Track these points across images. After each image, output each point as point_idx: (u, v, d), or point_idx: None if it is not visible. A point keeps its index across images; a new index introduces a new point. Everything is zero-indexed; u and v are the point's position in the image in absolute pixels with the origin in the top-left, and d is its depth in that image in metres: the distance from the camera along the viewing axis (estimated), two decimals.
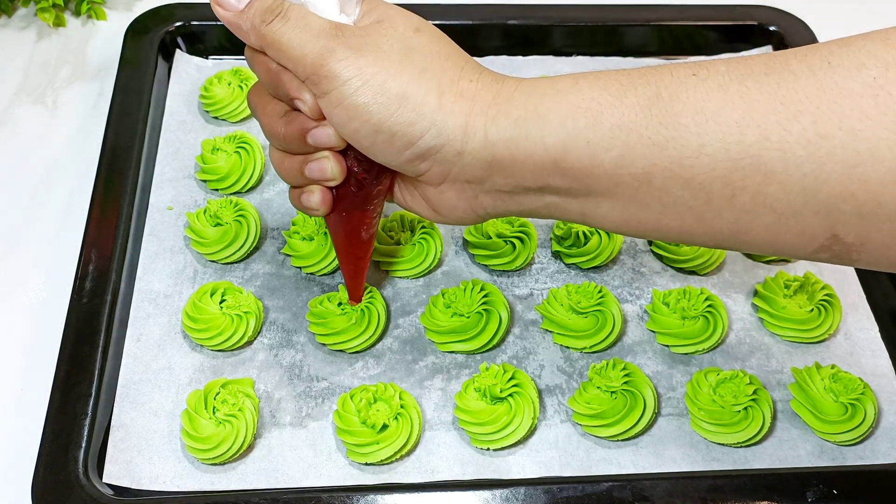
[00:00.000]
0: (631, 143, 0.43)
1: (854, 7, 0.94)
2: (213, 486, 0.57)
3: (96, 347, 0.60)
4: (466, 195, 0.49)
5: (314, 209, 0.53)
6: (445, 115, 0.46)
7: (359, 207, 0.54)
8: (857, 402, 0.60)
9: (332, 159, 0.50)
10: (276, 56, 0.47)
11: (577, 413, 0.60)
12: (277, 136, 0.51)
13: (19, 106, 0.81)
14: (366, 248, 0.59)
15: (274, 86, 0.49)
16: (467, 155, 0.46)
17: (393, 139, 0.46)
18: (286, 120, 0.50)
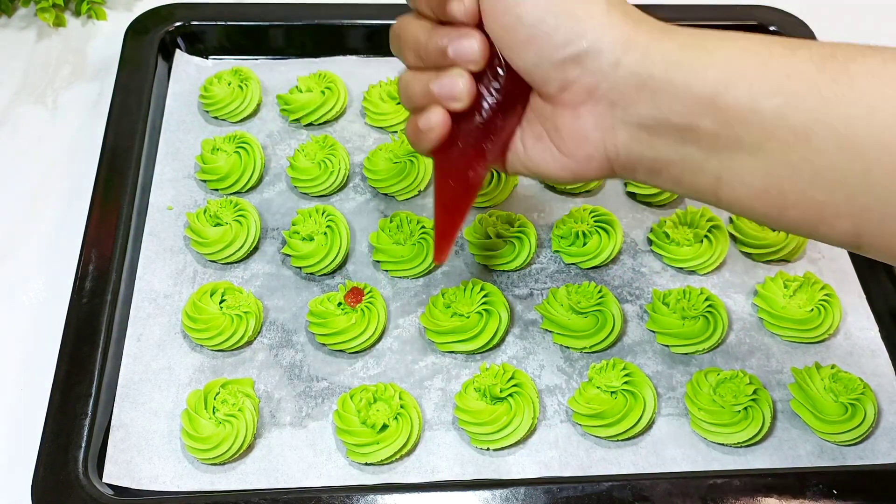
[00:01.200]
0: (798, 94, 0.42)
1: (854, 7, 0.94)
2: (213, 486, 0.57)
3: (96, 347, 0.60)
4: (604, 124, 0.47)
5: (431, 129, 0.50)
6: (612, 22, 0.45)
7: (475, 144, 0.51)
8: (857, 402, 0.60)
9: (465, 76, 0.48)
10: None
11: (577, 413, 0.60)
12: (417, 48, 0.49)
13: (19, 106, 0.81)
14: (467, 198, 0.55)
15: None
16: (623, 68, 0.45)
17: (554, 33, 0.45)
18: (431, 32, 0.49)
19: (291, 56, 0.82)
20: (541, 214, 0.72)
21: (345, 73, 0.80)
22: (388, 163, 0.72)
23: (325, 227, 0.67)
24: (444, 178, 0.54)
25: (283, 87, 0.80)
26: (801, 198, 0.43)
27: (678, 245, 0.69)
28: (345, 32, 0.82)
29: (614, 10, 0.46)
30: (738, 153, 0.44)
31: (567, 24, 0.45)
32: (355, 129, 0.78)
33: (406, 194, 0.72)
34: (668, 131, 0.46)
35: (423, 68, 0.50)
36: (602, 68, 0.45)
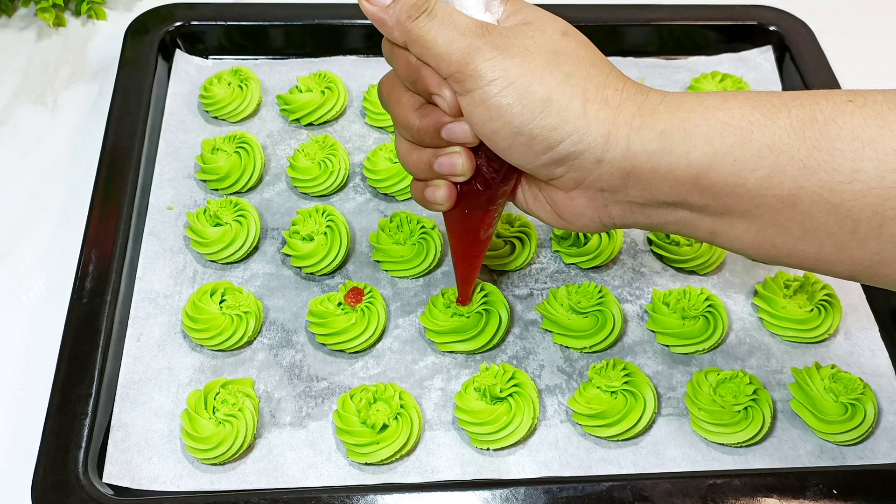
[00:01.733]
0: (780, 165, 0.42)
1: (854, 7, 0.94)
2: (213, 486, 0.57)
3: (96, 347, 0.60)
4: (596, 203, 0.49)
5: (438, 204, 0.52)
6: (589, 122, 0.45)
7: (481, 207, 0.53)
8: (857, 402, 0.60)
9: (463, 155, 0.50)
10: (419, 52, 0.47)
11: (577, 413, 0.60)
12: (410, 128, 0.50)
13: (19, 106, 0.81)
14: (481, 249, 0.58)
15: (412, 80, 0.49)
16: (606, 164, 0.46)
17: (532, 142, 0.46)
18: (421, 113, 0.49)
19: (291, 56, 0.82)
20: None
21: (345, 73, 0.80)
22: (388, 163, 0.72)
23: (325, 227, 0.67)
24: (456, 235, 0.57)
25: (283, 87, 0.80)
26: (793, 251, 0.45)
27: (678, 245, 0.69)
28: (345, 32, 0.82)
29: (591, 105, 0.45)
30: (729, 217, 0.46)
31: (543, 133, 0.45)
32: (355, 129, 0.78)
33: (406, 194, 0.72)
34: (658, 206, 0.47)
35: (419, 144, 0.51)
36: (585, 166, 0.46)
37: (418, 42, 0.46)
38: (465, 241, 0.57)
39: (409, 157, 0.52)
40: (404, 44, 0.48)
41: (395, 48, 0.49)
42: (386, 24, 0.48)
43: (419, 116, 0.49)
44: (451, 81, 0.46)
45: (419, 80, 0.48)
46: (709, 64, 0.84)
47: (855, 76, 0.83)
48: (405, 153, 0.52)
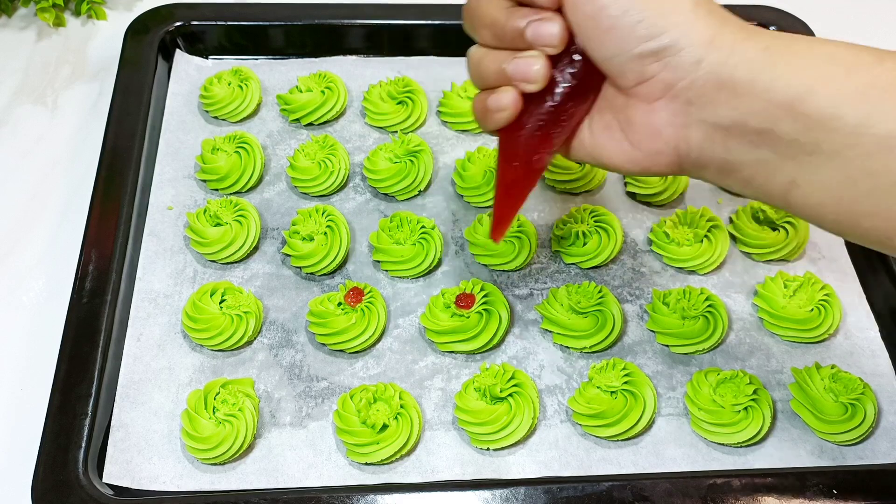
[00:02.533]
0: (883, 103, 0.41)
1: (853, 7, 0.94)
2: (213, 486, 0.57)
3: (96, 347, 0.60)
4: (678, 120, 0.46)
5: (501, 110, 0.49)
6: (697, 20, 0.44)
7: (545, 126, 0.50)
8: (857, 402, 0.60)
9: (542, 59, 0.47)
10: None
11: (577, 413, 0.60)
12: (494, 25, 0.48)
13: (19, 106, 0.81)
14: (531, 178, 0.54)
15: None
16: (705, 66, 0.44)
17: (637, 26, 0.44)
18: (509, 11, 0.48)
19: (291, 56, 0.82)
20: (541, 214, 0.72)
21: (345, 73, 0.80)
22: (388, 163, 0.72)
23: (325, 227, 0.67)
24: (507, 159, 0.53)
25: (283, 87, 0.80)
26: (876, 207, 0.43)
27: (678, 245, 0.69)
28: (345, 32, 0.82)
29: (700, 7, 0.45)
30: (816, 158, 0.43)
31: (651, 17, 0.44)
32: (355, 129, 0.78)
33: (406, 194, 0.72)
34: (744, 133, 0.45)
35: (496, 47, 0.49)
36: (682, 65, 0.45)
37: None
38: (517, 167, 0.53)
39: (481, 62, 0.50)
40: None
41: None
42: None
43: (507, 15, 0.48)
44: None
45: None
46: None
47: None
48: (478, 58, 0.50)
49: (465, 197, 0.73)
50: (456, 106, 0.77)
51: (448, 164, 0.75)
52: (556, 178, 0.73)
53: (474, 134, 0.78)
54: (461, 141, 0.77)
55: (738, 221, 0.71)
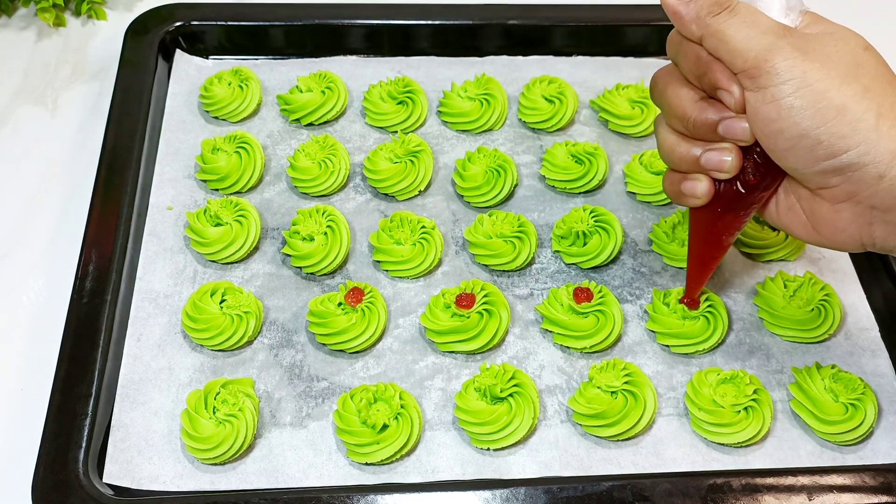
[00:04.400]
0: None
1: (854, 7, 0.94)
2: (213, 486, 0.57)
3: (96, 347, 0.60)
4: (862, 220, 0.49)
5: (696, 198, 0.53)
6: (879, 137, 0.45)
7: (735, 209, 0.54)
8: (857, 402, 0.60)
9: (734, 152, 0.50)
10: (714, 47, 0.48)
11: (577, 413, 0.60)
12: (685, 120, 0.51)
13: (19, 106, 0.81)
14: (721, 252, 0.58)
15: (699, 74, 0.50)
16: (887, 181, 0.46)
17: (816, 147, 0.46)
18: (700, 106, 0.50)
19: (291, 56, 0.82)
20: (541, 214, 0.72)
21: (345, 73, 0.80)
22: (388, 163, 0.72)
23: (325, 227, 0.67)
24: (699, 234, 0.57)
25: (283, 87, 0.80)
26: None
27: (678, 245, 0.69)
28: (345, 32, 0.82)
29: (884, 120, 0.46)
30: None
31: (831, 139, 0.46)
32: (355, 129, 0.78)
33: (406, 194, 0.72)
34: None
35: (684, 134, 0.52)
36: (865, 179, 0.46)
37: (716, 36, 0.48)
38: (707, 242, 0.57)
39: (675, 149, 0.53)
40: (699, 38, 0.49)
41: (685, 42, 0.50)
42: (683, 18, 0.49)
43: (699, 109, 0.50)
44: (742, 77, 0.47)
45: (707, 74, 0.49)
46: None
47: None
48: (671, 144, 0.53)
49: (465, 197, 0.73)
50: (456, 106, 0.77)
51: (448, 164, 0.75)
52: (556, 178, 0.73)
53: (474, 134, 0.78)
54: (461, 141, 0.77)
55: None
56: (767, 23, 0.47)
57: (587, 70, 0.82)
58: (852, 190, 0.47)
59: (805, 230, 0.52)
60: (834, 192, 0.48)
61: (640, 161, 0.74)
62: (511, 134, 0.78)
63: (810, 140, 0.46)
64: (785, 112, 0.46)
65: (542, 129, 0.78)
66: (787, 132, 0.46)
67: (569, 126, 0.79)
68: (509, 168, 0.72)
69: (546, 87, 0.78)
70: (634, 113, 0.77)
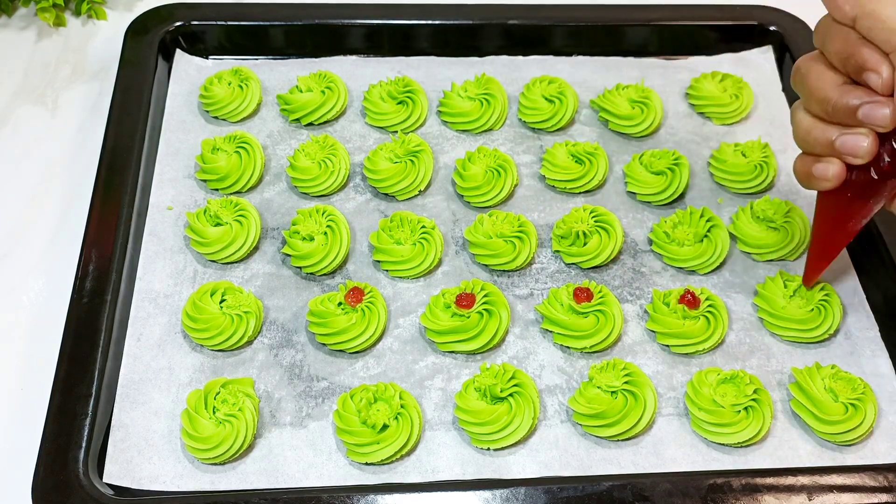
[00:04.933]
0: None
1: None
2: (213, 486, 0.57)
3: (96, 347, 0.60)
4: None
5: (826, 180, 0.53)
6: None
7: (865, 196, 0.53)
8: (857, 402, 0.60)
9: (870, 137, 0.50)
10: (869, 27, 0.48)
11: (578, 413, 0.60)
12: (826, 102, 0.51)
13: (19, 106, 0.81)
14: (846, 240, 0.58)
15: (845, 55, 0.50)
16: None
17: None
18: (843, 90, 0.50)
19: (291, 56, 0.82)
20: (541, 214, 0.72)
21: (345, 73, 0.80)
22: (388, 163, 0.72)
23: (325, 227, 0.67)
24: (824, 219, 0.57)
25: (283, 87, 0.80)
26: None
27: (678, 245, 0.69)
28: (345, 32, 0.82)
29: None
30: None
31: None
32: (355, 129, 0.78)
33: (406, 194, 0.72)
34: None
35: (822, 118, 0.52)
36: None
37: (872, 16, 0.47)
38: (833, 228, 0.57)
39: (811, 131, 0.52)
40: (852, 19, 0.49)
41: (834, 25, 0.50)
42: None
43: (840, 93, 0.50)
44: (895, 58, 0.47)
45: (855, 55, 0.49)
46: (709, 64, 0.84)
47: None
48: (807, 126, 0.53)
49: (465, 197, 0.73)
50: (456, 106, 0.77)
51: (448, 164, 0.75)
52: (556, 178, 0.73)
53: (474, 134, 0.78)
54: (461, 141, 0.77)
55: (738, 221, 0.71)
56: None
57: (587, 70, 0.82)
58: None
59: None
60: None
61: (640, 161, 0.74)
62: (511, 134, 0.78)
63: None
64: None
65: (542, 128, 0.78)
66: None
67: (569, 126, 0.79)
68: (509, 168, 0.72)
69: (546, 87, 0.78)
70: (634, 113, 0.77)
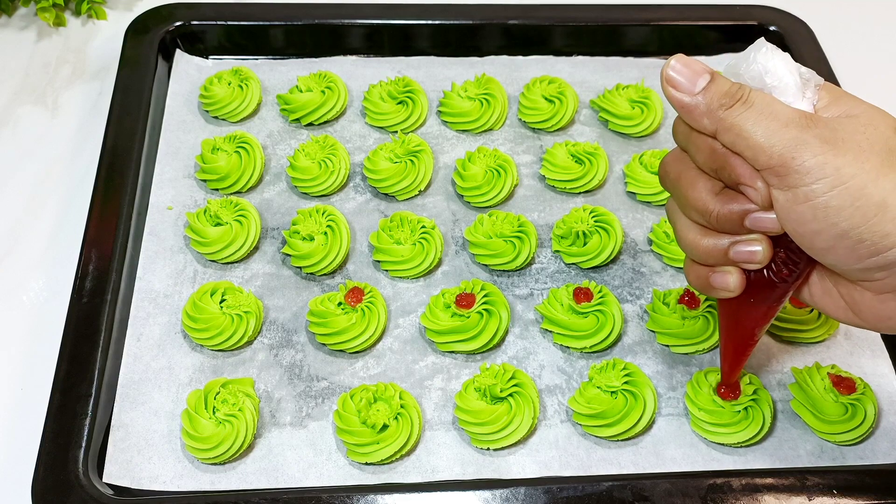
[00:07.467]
0: None
1: (854, 7, 0.94)
2: (213, 486, 0.57)
3: (96, 347, 0.60)
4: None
5: (727, 291, 0.49)
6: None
7: (768, 299, 0.50)
8: (857, 402, 0.60)
9: (764, 243, 0.46)
10: (731, 141, 0.44)
11: (577, 413, 0.60)
12: (707, 214, 0.47)
13: (19, 106, 0.81)
14: (753, 342, 0.54)
15: (716, 167, 0.46)
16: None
17: (858, 247, 0.43)
18: (722, 199, 0.46)
19: (291, 56, 0.82)
20: (541, 214, 0.72)
21: (345, 73, 0.80)
22: (388, 163, 0.72)
23: (325, 227, 0.67)
24: (730, 325, 0.54)
25: (283, 87, 0.80)
26: None
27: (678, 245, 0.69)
28: (345, 32, 0.82)
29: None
30: None
31: (874, 238, 0.42)
32: (355, 129, 0.78)
33: (406, 194, 0.72)
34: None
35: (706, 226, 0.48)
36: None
37: (733, 132, 0.43)
38: (739, 332, 0.54)
39: (699, 243, 0.48)
40: (713, 132, 0.45)
41: (696, 133, 0.46)
42: (693, 112, 0.45)
43: (720, 202, 0.46)
44: (767, 174, 0.43)
45: (726, 168, 0.45)
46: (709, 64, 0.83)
47: (855, 76, 0.83)
48: (694, 239, 0.48)
49: (465, 197, 0.73)
50: (456, 106, 0.77)
51: (448, 164, 0.75)
52: (555, 178, 0.73)
53: (474, 134, 0.78)
54: (461, 141, 0.77)
55: None
56: (787, 112, 0.43)
57: (587, 70, 0.82)
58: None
59: (844, 314, 0.49)
60: (878, 284, 0.45)
61: (640, 161, 0.74)
62: (511, 134, 0.78)
63: (851, 240, 0.42)
64: (821, 213, 0.42)
65: (542, 128, 0.78)
66: (825, 233, 0.43)
67: (569, 126, 0.79)
68: (509, 168, 0.72)
69: (546, 87, 0.78)
70: (634, 113, 0.77)
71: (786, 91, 0.44)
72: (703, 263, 0.49)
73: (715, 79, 0.45)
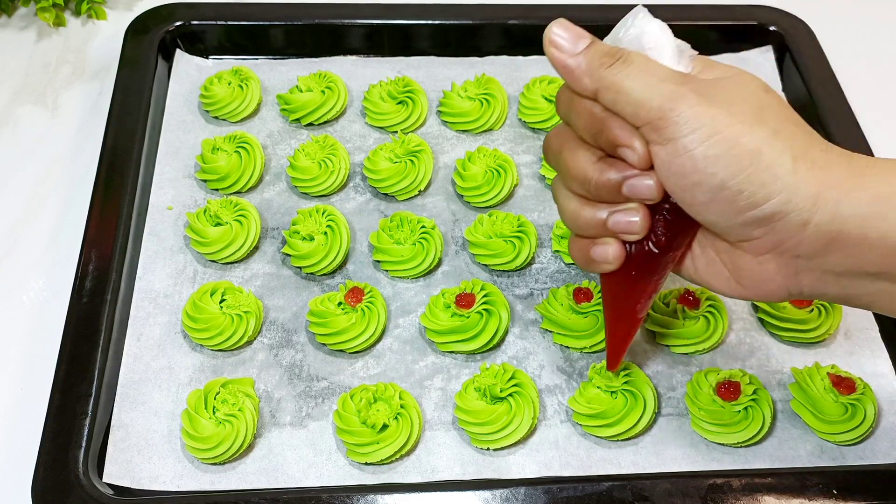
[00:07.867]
0: None
1: (854, 7, 0.94)
2: (213, 485, 0.57)
3: (96, 347, 0.60)
4: (787, 271, 0.46)
5: (607, 263, 0.49)
6: (798, 181, 0.42)
7: (649, 271, 0.50)
8: (857, 402, 0.60)
9: (641, 212, 0.47)
10: (612, 100, 0.45)
11: (577, 413, 0.60)
12: (586, 182, 0.47)
13: (19, 106, 0.81)
14: (638, 319, 0.54)
15: (594, 132, 0.46)
16: (812, 227, 0.43)
17: (736, 199, 0.43)
18: (600, 167, 0.47)
19: (291, 56, 0.82)
20: (541, 214, 0.72)
21: (345, 73, 0.80)
22: (388, 163, 0.72)
23: (325, 227, 0.67)
24: (614, 301, 0.54)
25: (283, 86, 0.80)
26: None
27: None
28: (345, 32, 0.82)
29: (801, 163, 0.43)
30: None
31: (750, 188, 0.43)
32: (355, 129, 0.78)
33: (406, 194, 0.72)
34: (858, 276, 0.45)
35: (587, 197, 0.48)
36: (788, 228, 0.44)
37: (613, 89, 0.44)
38: (623, 307, 0.53)
39: (578, 214, 0.49)
40: (593, 92, 0.45)
41: (577, 99, 0.47)
42: (574, 71, 0.46)
43: (598, 170, 0.47)
44: (646, 130, 0.44)
45: (604, 131, 0.46)
46: None
47: (855, 76, 0.83)
48: (574, 210, 0.49)
49: (465, 197, 0.73)
50: (456, 106, 0.77)
51: (448, 164, 0.75)
52: None
53: (474, 134, 0.78)
54: (461, 141, 0.77)
55: None
56: (664, 71, 0.44)
57: None
58: (776, 240, 0.45)
59: (727, 284, 0.49)
60: (757, 244, 0.45)
61: None
62: (511, 134, 0.78)
63: (730, 191, 0.43)
64: (700, 164, 0.43)
65: (542, 128, 0.78)
66: (704, 184, 0.43)
67: None
68: (509, 168, 0.72)
69: (546, 86, 0.78)
70: None
71: (662, 53, 0.46)
72: (584, 235, 0.50)
73: (595, 41, 0.47)
